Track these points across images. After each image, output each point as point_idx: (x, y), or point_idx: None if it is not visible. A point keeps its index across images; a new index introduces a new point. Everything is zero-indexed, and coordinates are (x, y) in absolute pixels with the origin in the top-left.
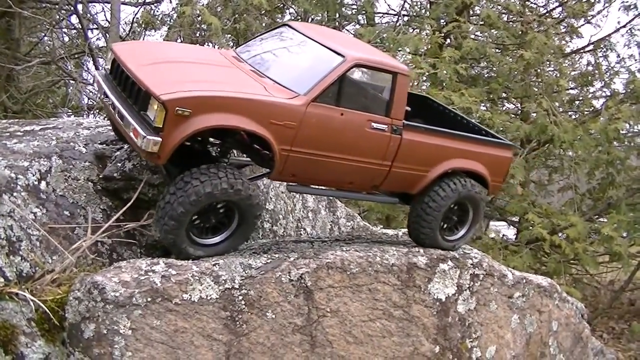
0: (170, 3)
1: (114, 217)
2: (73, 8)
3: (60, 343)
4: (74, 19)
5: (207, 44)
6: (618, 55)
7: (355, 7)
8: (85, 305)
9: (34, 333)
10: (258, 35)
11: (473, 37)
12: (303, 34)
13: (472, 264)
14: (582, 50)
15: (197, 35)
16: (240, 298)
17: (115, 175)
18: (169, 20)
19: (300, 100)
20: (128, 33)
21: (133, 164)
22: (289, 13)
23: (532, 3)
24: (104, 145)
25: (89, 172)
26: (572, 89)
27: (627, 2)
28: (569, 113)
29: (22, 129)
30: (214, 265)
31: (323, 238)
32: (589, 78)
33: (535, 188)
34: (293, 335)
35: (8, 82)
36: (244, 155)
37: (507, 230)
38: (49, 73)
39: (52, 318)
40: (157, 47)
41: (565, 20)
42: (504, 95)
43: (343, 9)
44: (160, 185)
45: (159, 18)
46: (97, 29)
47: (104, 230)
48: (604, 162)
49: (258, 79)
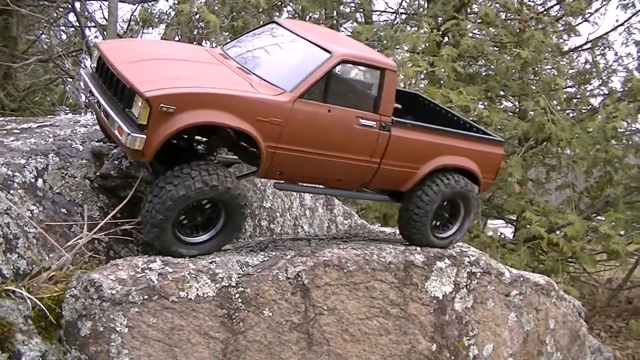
0: (168, 1)
1: (110, 214)
2: (71, 6)
3: (57, 341)
4: (72, 17)
5: (204, 42)
6: (616, 54)
7: (353, 5)
8: (82, 303)
9: (31, 331)
10: (245, 33)
11: (471, 35)
12: (290, 31)
13: (469, 262)
14: (579, 49)
15: (194, 33)
16: (237, 296)
17: (112, 173)
18: (167, 18)
19: (287, 97)
20: (126, 31)
21: (130, 162)
22: (287, 11)
23: (529, 1)
24: (101, 143)
25: (86, 169)
26: (569, 87)
27: (624, 0)
28: (567, 111)
29: (19, 127)
30: (211, 263)
31: (320, 236)
32: (587, 76)
33: (533, 186)
34: (290, 333)
35: (5, 79)
36: (231, 153)
37: (504, 229)
38: (47, 71)
39: (48, 316)
40: (143, 44)
41: (563, 18)
42: (502, 94)
43: (340, 7)
44: None
45: (157, 16)
46: (94, 27)
47: (100, 228)
48: (602, 160)
49: (244, 76)
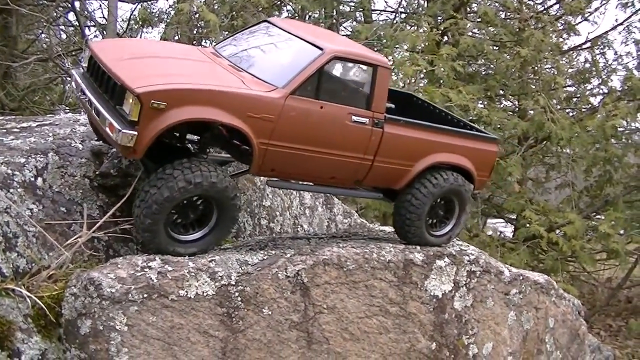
0: (167, 0)
1: (109, 212)
2: (70, 5)
3: (57, 339)
4: (71, 16)
5: (204, 41)
6: (615, 53)
7: (353, 4)
8: (82, 302)
9: (31, 329)
10: (237, 32)
11: (470, 34)
12: (283, 30)
13: (468, 261)
14: (579, 48)
15: (194, 32)
16: (237, 294)
17: (112, 172)
18: (167, 17)
19: (279, 93)
20: (125, 30)
21: (129, 161)
22: (287, 10)
23: (529, 0)
24: (101, 142)
25: (86, 168)
26: (569, 86)
27: None
28: (566, 110)
29: (18, 126)
30: (210, 262)
31: (320, 235)
32: (586, 75)
33: (533, 185)
34: (289, 332)
35: (5, 79)
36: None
37: (504, 228)
38: (46, 70)
39: (48, 314)
40: (134, 43)
41: (563, 18)
42: (501, 93)
43: (340, 6)
44: None
45: (157, 15)
46: (94, 26)
47: (99, 226)
48: (602, 159)
49: (236, 74)
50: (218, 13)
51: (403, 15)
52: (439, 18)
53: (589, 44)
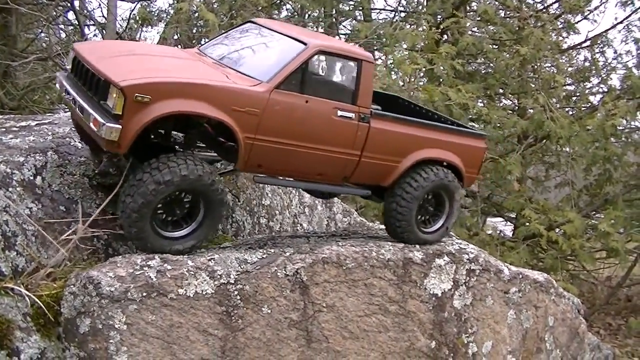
0: None
1: (100, 207)
2: (70, 4)
3: (56, 338)
4: (71, 15)
5: (203, 40)
6: (615, 51)
7: (352, 3)
8: (81, 300)
9: (30, 328)
10: (222, 33)
11: (470, 32)
12: (267, 28)
13: (468, 259)
14: (579, 46)
15: (194, 32)
16: (236, 293)
17: (111, 171)
18: (166, 17)
19: (263, 87)
20: (125, 29)
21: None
22: (286, 9)
23: None
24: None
25: (85, 167)
26: (569, 85)
27: None
28: (566, 109)
29: (17, 125)
30: (210, 260)
31: (319, 233)
32: (586, 74)
33: (532, 184)
34: (289, 330)
35: (5, 78)
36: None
37: (504, 227)
38: (46, 69)
39: (47, 313)
40: (117, 43)
41: (562, 16)
42: (501, 91)
43: (340, 5)
44: None
45: (156, 14)
46: (93, 25)
47: (95, 224)
48: (601, 158)
49: (220, 69)
50: (217, 12)
51: (402, 14)
52: (439, 17)
53: (589, 43)
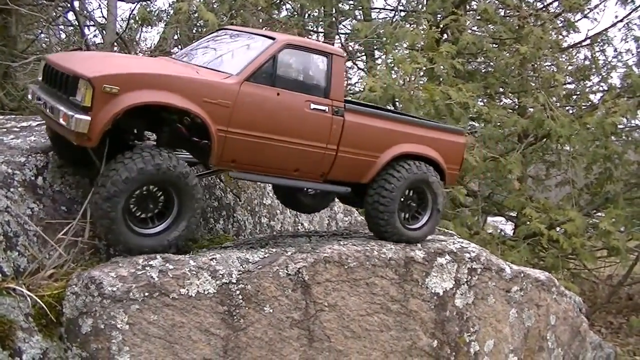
0: None
1: (85, 202)
2: (70, 5)
3: (58, 338)
4: (71, 16)
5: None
6: (615, 50)
7: (352, 2)
8: (83, 300)
9: (32, 328)
10: (194, 42)
11: (470, 31)
12: (238, 31)
13: (469, 258)
14: (579, 45)
15: (193, 32)
16: (238, 292)
17: None
18: (166, 17)
19: (233, 80)
20: (124, 29)
21: None
22: (286, 8)
23: None
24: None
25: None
26: (569, 84)
27: None
28: (566, 108)
29: (18, 125)
30: (211, 260)
31: (321, 233)
32: (586, 72)
33: (533, 183)
34: (291, 330)
35: (5, 79)
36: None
37: (504, 226)
38: None
39: (49, 313)
40: (90, 53)
41: (562, 15)
42: (501, 90)
43: (339, 4)
44: None
45: (156, 14)
46: (93, 26)
47: (82, 214)
48: (602, 156)
49: (191, 67)
50: (217, 12)
51: (402, 13)
52: (439, 16)
53: (589, 41)
